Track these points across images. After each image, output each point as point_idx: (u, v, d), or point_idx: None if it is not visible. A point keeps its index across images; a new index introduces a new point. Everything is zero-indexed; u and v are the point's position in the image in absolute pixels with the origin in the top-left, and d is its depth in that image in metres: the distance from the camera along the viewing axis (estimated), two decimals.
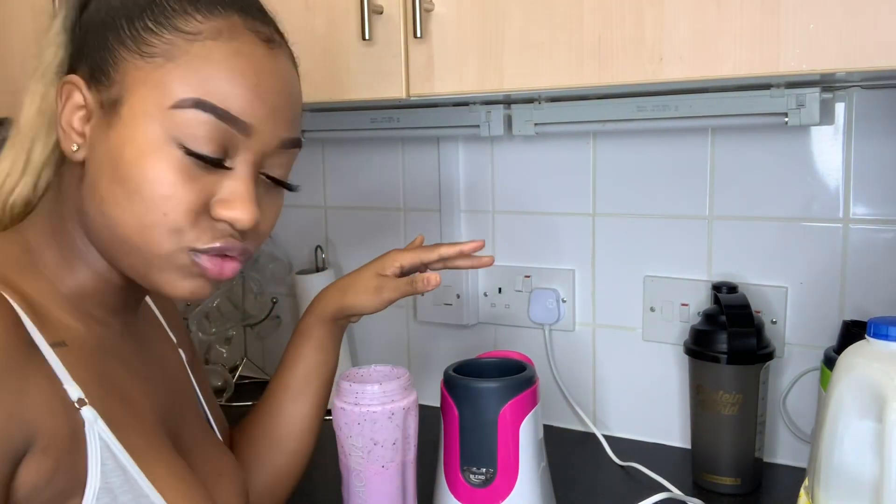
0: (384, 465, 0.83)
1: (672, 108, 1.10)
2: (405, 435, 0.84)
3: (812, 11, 0.73)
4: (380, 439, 0.82)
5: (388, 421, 0.83)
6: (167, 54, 0.58)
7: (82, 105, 0.60)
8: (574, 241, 1.25)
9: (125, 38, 0.59)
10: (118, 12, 0.60)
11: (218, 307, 1.51)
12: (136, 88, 0.58)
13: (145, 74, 0.58)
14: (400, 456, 0.84)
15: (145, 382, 0.67)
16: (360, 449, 0.83)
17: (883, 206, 1.04)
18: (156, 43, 0.58)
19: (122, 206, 0.58)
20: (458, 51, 0.90)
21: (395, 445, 0.83)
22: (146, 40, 0.58)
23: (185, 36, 0.58)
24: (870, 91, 1.03)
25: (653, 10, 0.80)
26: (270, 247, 1.51)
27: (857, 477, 0.69)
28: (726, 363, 1.02)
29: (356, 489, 0.84)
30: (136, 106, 0.58)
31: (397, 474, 0.84)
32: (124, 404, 0.62)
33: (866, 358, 0.70)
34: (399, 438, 0.83)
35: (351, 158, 1.43)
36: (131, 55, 0.58)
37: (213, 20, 0.59)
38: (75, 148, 0.60)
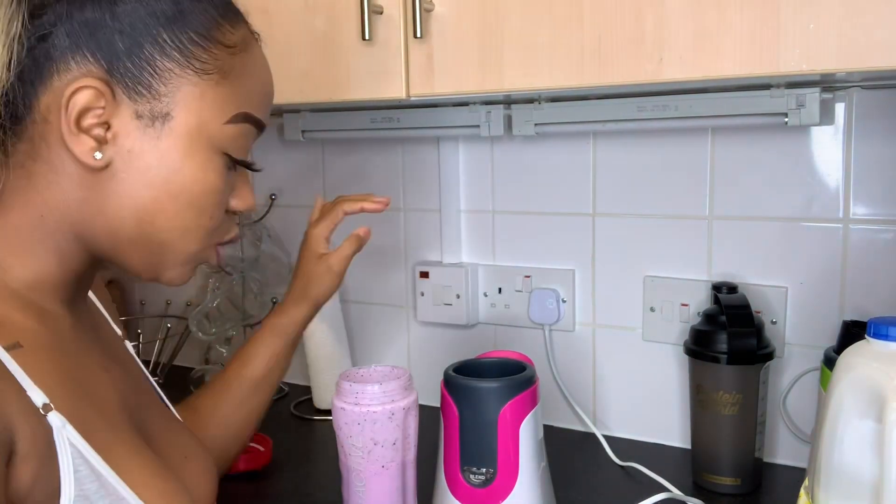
0: (384, 465, 0.83)
1: (672, 108, 1.10)
2: (405, 435, 0.84)
3: (812, 11, 0.73)
4: (380, 439, 0.82)
5: (389, 421, 0.83)
6: (220, 71, 0.61)
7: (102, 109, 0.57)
8: (574, 241, 1.25)
9: (170, 50, 0.59)
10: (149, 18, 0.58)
11: (218, 307, 1.51)
12: (190, 104, 0.60)
13: (202, 91, 0.60)
14: (400, 456, 0.84)
15: (106, 374, 0.65)
16: (360, 449, 0.83)
17: (883, 206, 1.04)
18: (207, 59, 0.60)
19: (167, 212, 0.60)
20: (458, 51, 0.90)
21: (395, 445, 0.83)
22: (196, 55, 0.60)
23: (228, 50, 0.61)
24: (870, 91, 1.03)
25: (653, 10, 0.80)
26: (270, 247, 1.51)
27: (857, 477, 0.69)
28: (726, 363, 1.02)
29: (356, 489, 0.84)
30: (192, 121, 0.60)
31: (397, 474, 0.84)
32: (91, 402, 0.60)
33: (866, 358, 0.70)
34: (399, 438, 0.83)
35: (351, 158, 1.43)
36: (183, 70, 0.59)
37: (238, 30, 0.63)
38: (99, 156, 0.58)
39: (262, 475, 1.14)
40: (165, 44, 0.59)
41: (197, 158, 0.60)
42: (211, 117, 0.61)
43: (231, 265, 1.48)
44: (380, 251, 1.42)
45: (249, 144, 0.65)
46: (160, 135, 0.59)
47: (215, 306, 1.51)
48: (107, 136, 0.58)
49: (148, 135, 0.59)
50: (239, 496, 1.09)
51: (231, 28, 0.62)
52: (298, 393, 1.48)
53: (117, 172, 0.59)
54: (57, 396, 0.55)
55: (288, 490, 1.10)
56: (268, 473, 1.15)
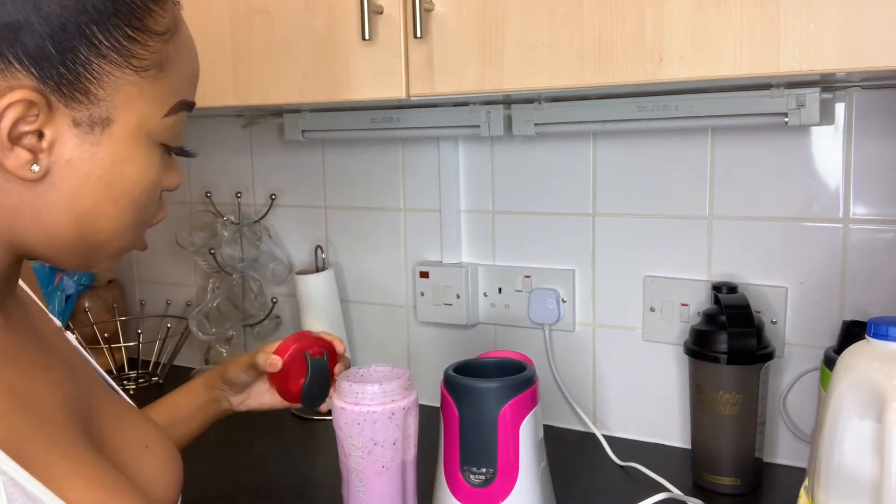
0: (384, 465, 0.83)
1: (672, 108, 1.10)
2: (405, 435, 0.84)
3: (812, 11, 0.73)
4: (380, 439, 0.82)
5: (389, 421, 0.83)
6: (157, 64, 0.57)
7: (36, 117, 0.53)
8: (574, 241, 1.25)
9: (106, 50, 0.54)
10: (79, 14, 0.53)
11: (218, 307, 1.51)
12: (130, 104, 0.56)
13: (140, 90, 0.56)
14: (400, 456, 0.84)
15: (47, 374, 0.61)
16: (360, 449, 0.83)
17: (883, 206, 1.04)
18: (144, 54, 0.56)
19: (111, 217, 0.58)
20: (458, 51, 0.90)
21: (395, 445, 0.83)
22: (134, 52, 0.56)
23: (161, 38, 0.57)
24: (870, 91, 1.03)
25: (653, 10, 0.80)
26: (270, 247, 1.51)
27: (857, 477, 0.69)
28: (726, 363, 1.02)
29: (356, 489, 0.84)
30: (132, 122, 0.57)
31: (397, 474, 0.84)
32: (27, 414, 0.55)
33: (866, 358, 0.70)
34: (399, 438, 0.83)
35: (351, 158, 1.43)
36: (122, 71, 0.55)
37: (167, 10, 0.59)
38: (36, 168, 0.54)
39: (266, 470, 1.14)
40: (101, 44, 0.54)
41: (138, 158, 0.57)
42: (150, 113, 0.57)
43: (231, 265, 1.48)
44: (380, 251, 1.42)
45: (183, 129, 0.62)
46: (100, 140, 0.55)
47: (215, 306, 1.51)
48: (42, 145, 0.54)
49: (87, 142, 0.55)
50: (239, 496, 1.09)
51: (161, 11, 0.57)
52: None
53: (55, 182, 0.55)
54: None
55: (288, 490, 1.10)
56: (268, 472, 1.15)
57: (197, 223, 1.53)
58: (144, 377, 1.59)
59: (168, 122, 0.59)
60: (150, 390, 1.53)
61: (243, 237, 1.49)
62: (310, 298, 1.38)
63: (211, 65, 1.08)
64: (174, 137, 0.60)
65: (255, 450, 1.22)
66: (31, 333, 0.64)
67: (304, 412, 1.36)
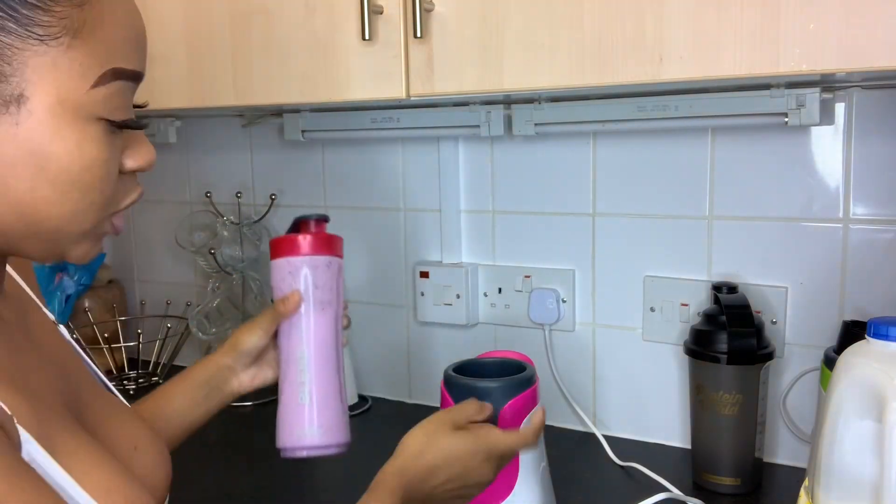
0: (324, 307, 0.84)
1: (672, 108, 1.10)
2: (338, 280, 0.86)
3: (812, 11, 0.73)
4: (320, 281, 0.84)
5: (327, 268, 0.85)
6: (69, 30, 0.51)
7: None
8: (574, 241, 1.25)
9: (4, 21, 0.50)
10: None
11: (218, 307, 1.51)
12: (44, 78, 0.51)
13: (52, 60, 0.51)
14: (335, 304, 0.85)
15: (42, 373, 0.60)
16: (303, 290, 0.84)
17: (883, 206, 1.04)
18: (49, 22, 0.50)
19: (53, 201, 0.53)
20: (458, 51, 0.90)
21: (331, 291, 0.85)
22: (37, 20, 0.50)
23: (72, 2, 0.51)
24: (870, 91, 1.03)
25: (653, 10, 0.80)
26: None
27: (857, 477, 0.69)
28: (726, 363, 1.02)
29: (295, 329, 0.85)
30: (51, 97, 0.51)
31: (334, 325, 0.85)
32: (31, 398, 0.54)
33: (866, 358, 0.70)
34: (334, 281, 0.85)
35: (351, 158, 1.43)
36: (24, 42, 0.50)
37: None
38: None
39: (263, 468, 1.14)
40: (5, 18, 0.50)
41: (67, 135, 0.52)
42: (72, 86, 0.52)
43: (231, 265, 1.48)
44: (380, 251, 1.42)
45: (129, 101, 0.56)
46: (18, 120, 0.51)
47: (215, 306, 1.51)
48: None
49: (4, 122, 0.51)
50: (239, 496, 1.09)
51: None
52: None
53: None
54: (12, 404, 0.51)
55: (288, 490, 1.10)
56: (268, 472, 1.15)
57: (197, 223, 1.53)
58: (144, 377, 1.59)
59: (100, 94, 0.53)
60: (150, 390, 1.53)
61: (243, 237, 1.49)
62: None
63: (211, 65, 1.08)
64: (114, 111, 0.54)
65: (255, 450, 1.22)
66: (22, 330, 0.63)
67: None
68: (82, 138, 0.53)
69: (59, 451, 0.54)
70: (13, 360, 0.57)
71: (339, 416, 0.84)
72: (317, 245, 0.84)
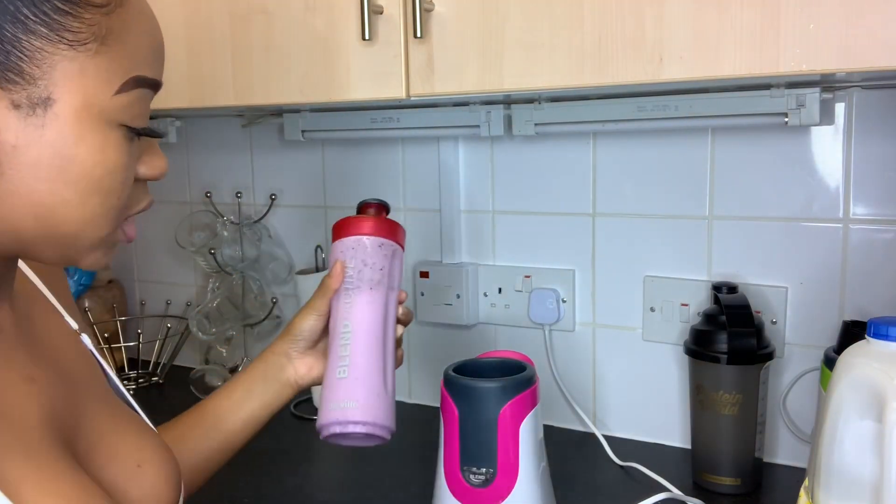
0: (372, 286, 0.84)
1: (672, 108, 1.10)
2: (392, 265, 0.86)
3: (812, 11, 0.73)
4: (369, 260, 0.84)
5: (379, 249, 0.85)
6: (97, 37, 0.53)
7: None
8: (574, 241, 1.25)
9: (34, 25, 0.51)
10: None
11: (218, 307, 1.51)
12: (71, 82, 0.52)
13: (80, 65, 0.52)
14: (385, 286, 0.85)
15: (30, 385, 0.59)
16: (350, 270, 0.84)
17: (883, 206, 1.04)
18: (79, 27, 0.52)
19: (73, 204, 0.54)
20: (458, 51, 0.90)
21: (382, 272, 0.84)
22: (66, 25, 0.52)
23: (101, 10, 0.53)
24: (870, 91, 1.03)
25: (653, 10, 0.80)
26: (270, 247, 1.51)
27: (857, 477, 0.69)
28: (726, 363, 1.02)
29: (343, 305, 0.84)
30: (77, 100, 0.53)
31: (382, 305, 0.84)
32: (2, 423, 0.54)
33: (866, 358, 0.70)
34: (387, 263, 0.85)
35: (351, 158, 1.43)
36: (55, 46, 0.52)
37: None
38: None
39: (264, 472, 1.14)
40: (27, 19, 0.51)
41: (91, 139, 0.53)
42: (97, 91, 0.53)
43: (231, 265, 1.48)
44: None
45: (147, 109, 0.57)
46: (44, 122, 0.52)
47: (215, 306, 1.51)
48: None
49: (31, 124, 0.52)
50: (239, 496, 1.09)
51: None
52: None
53: (4, 171, 0.52)
54: None
55: (288, 490, 1.10)
56: (268, 472, 1.15)
57: (197, 223, 1.53)
58: (144, 377, 1.58)
59: (122, 101, 0.54)
60: (150, 390, 1.53)
61: (243, 237, 1.49)
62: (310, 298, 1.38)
63: (211, 65, 1.08)
64: (136, 118, 0.56)
65: (255, 450, 1.22)
66: (23, 340, 0.62)
67: (303, 412, 1.36)
68: (105, 143, 0.54)
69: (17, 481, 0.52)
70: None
71: (380, 397, 0.81)
72: (371, 226, 0.85)
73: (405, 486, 1.09)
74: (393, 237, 0.87)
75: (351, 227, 0.86)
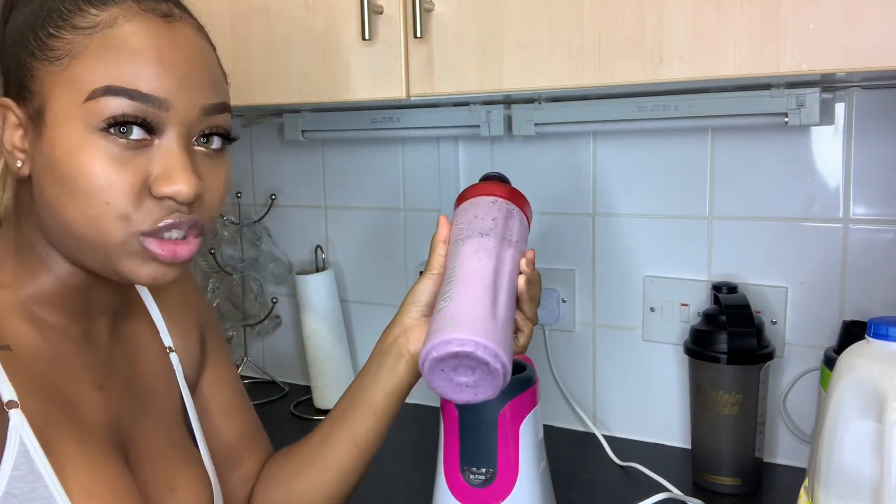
0: (482, 234, 0.76)
1: (672, 108, 1.10)
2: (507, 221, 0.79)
3: (812, 11, 0.73)
4: (479, 213, 0.78)
5: (491, 204, 0.80)
6: (71, 53, 0.60)
7: (18, 124, 0.62)
8: (574, 241, 1.25)
9: (34, 49, 0.61)
10: (25, 29, 0.62)
11: (218, 307, 1.51)
12: (52, 93, 0.60)
13: (56, 77, 0.60)
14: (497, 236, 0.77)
15: (98, 392, 0.66)
16: (461, 224, 0.79)
17: (883, 206, 1.04)
18: (58, 46, 0.60)
19: (66, 204, 0.59)
20: (458, 51, 0.90)
21: (494, 221, 0.78)
22: (50, 46, 0.60)
23: (83, 32, 0.60)
24: (870, 91, 1.03)
25: (653, 10, 0.80)
26: (270, 247, 1.51)
27: (857, 477, 0.69)
28: (726, 363, 1.02)
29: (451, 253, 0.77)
30: (56, 109, 0.60)
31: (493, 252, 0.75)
32: (66, 410, 0.62)
33: (866, 358, 0.70)
34: (500, 217, 0.79)
35: (351, 158, 1.43)
36: (41, 64, 0.60)
37: (107, 10, 0.61)
38: (20, 164, 0.62)
39: None
40: (33, 46, 0.61)
41: (66, 142, 0.59)
42: (68, 99, 0.59)
43: (231, 265, 1.48)
44: (380, 251, 1.42)
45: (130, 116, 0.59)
46: (42, 131, 0.60)
47: (215, 306, 1.51)
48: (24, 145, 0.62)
49: (36, 134, 0.61)
50: None
51: (95, 10, 0.60)
52: (298, 393, 1.48)
53: (34, 178, 0.62)
54: (27, 397, 0.59)
55: None
56: None
57: None
58: None
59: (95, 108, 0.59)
60: None
61: (243, 237, 1.49)
62: (310, 298, 1.38)
63: None
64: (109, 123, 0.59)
65: None
66: (109, 353, 0.69)
67: (303, 412, 1.36)
68: (79, 147, 0.59)
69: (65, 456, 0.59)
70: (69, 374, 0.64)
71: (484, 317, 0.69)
72: (484, 188, 0.81)
73: (405, 486, 1.09)
74: (507, 198, 0.81)
75: (468, 192, 0.82)
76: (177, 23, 0.63)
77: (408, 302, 0.80)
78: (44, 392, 0.61)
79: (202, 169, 0.64)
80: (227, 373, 0.86)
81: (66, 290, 0.65)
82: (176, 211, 0.61)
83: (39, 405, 0.59)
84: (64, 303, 0.66)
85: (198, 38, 0.65)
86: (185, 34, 0.63)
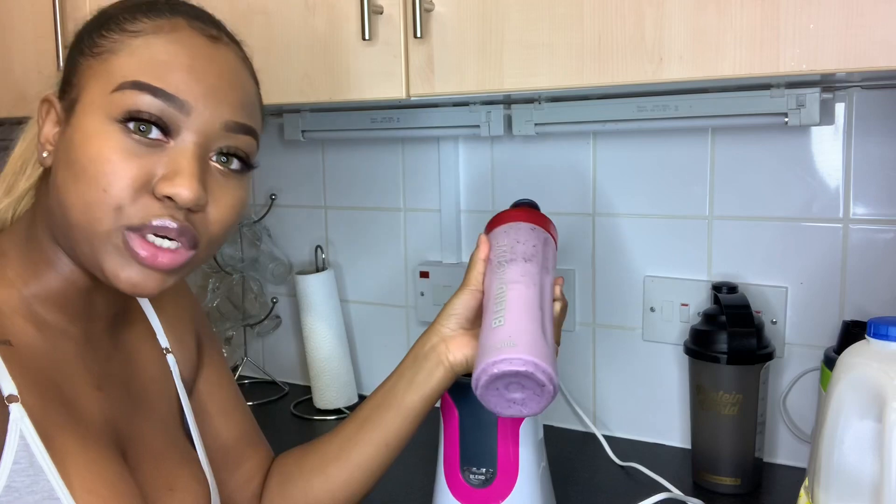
0: (526, 259, 0.80)
1: (672, 108, 1.10)
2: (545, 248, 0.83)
3: (812, 11, 0.73)
4: (521, 238, 0.82)
5: (531, 231, 0.84)
6: (112, 49, 0.62)
7: (57, 121, 0.64)
8: (574, 241, 1.25)
9: (83, 47, 0.64)
10: (83, 33, 0.65)
11: (218, 307, 1.51)
12: (88, 84, 0.62)
13: (94, 70, 0.62)
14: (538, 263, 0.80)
15: (97, 393, 0.67)
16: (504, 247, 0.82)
17: (883, 206, 1.04)
18: (103, 43, 0.62)
19: (70, 188, 0.60)
20: (458, 51, 0.90)
21: (535, 248, 0.81)
22: (97, 43, 0.63)
23: (129, 33, 0.62)
24: (870, 91, 1.03)
25: (653, 10, 0.80)
26: (270, 247, 1.51)
27: (857, 477, 0.69)
28: (726, 363, 1.02)
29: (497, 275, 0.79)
30: (86, 99, 0.62)
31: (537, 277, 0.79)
32: (65, 409, 0.62)
33: (866, 358, 0.70)
34: (539, 244, 0.82)
35: (351, 158, 1.43)
36: (85, 59, 0.63)
37: (157, 20, 0.63)
38: (45, 155, 0.64)
39: None
40: (84, 45, 0.64)
41: (86, 127, 0.60)
42: (98, 89, 0.61)
43: (231, 265, 1.48)
44: (380, 251, 1.42)
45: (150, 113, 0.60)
46: (70, 120, 0.62)
47: (215, 306, 1.51)
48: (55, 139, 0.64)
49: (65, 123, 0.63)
50: None
51: (146, 19, 0.63)
52: (298, 393, 1.48)
53: (53, 166, 0.63)
54: (27, 392, 0.59)
55: None
56: None
57: None
58: None
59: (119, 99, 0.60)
60: None
61: (243, 237, 1.49)
62: (310, 298, 1.38)
63: None
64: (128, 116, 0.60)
65: None
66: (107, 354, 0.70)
67: (303, 412, 1.36)
68: (95, 133, 0.60)
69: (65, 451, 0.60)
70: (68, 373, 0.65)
71: (540, 341, 0.72)
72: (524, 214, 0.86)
73: (405, 486, 1.09)
74: (544, 226, 0.86)
75: (505, 216, 0.86)
76: (220, 44, 0.65)
77: (446, 313, 0.81)
78: (43, 389, 0.61)
79: (213, 184, 0.63)
80: (223, 373, 0.86)
81: (69, 290, 0.66)
82: (172, 213, 0.60)
83: (39, 401, 0.60)
84: (66, 303, 0.66)
85: (238, 63, 0.67)
86: (224, 55, 0.65)
